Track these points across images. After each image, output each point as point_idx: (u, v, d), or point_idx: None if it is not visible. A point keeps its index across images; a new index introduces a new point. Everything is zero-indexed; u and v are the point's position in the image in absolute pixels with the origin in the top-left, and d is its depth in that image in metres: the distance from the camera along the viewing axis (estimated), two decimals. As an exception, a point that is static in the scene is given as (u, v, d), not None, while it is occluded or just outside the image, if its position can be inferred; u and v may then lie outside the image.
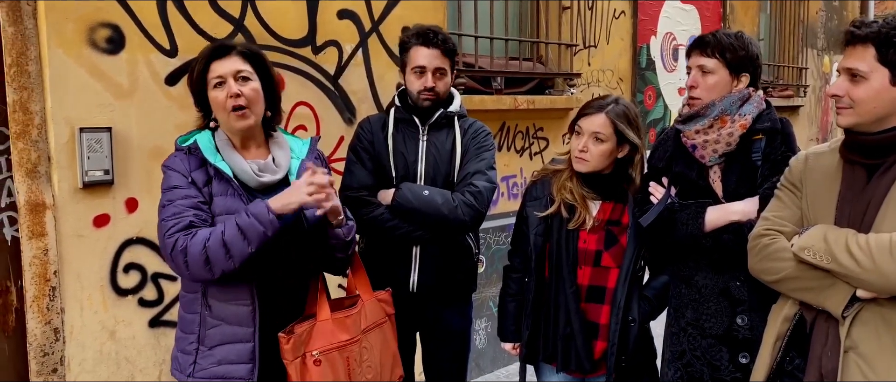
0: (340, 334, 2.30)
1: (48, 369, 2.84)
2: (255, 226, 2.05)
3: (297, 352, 2.21)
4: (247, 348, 2.19)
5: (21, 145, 2.73)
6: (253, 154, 2.28)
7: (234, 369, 2.19)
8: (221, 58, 2.19)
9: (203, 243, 2.05)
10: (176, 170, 2.17)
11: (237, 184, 2.17)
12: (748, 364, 2.39)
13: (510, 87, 4.77)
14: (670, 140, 2.58)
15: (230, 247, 2.05)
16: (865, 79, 1.89)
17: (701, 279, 2.49)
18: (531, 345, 2.74)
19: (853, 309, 1.89)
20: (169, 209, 2.12)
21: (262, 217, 2.06)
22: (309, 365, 2.22)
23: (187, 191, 2.14)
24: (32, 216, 2.75)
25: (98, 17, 2.86)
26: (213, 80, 2.17)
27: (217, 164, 2.17)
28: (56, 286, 2.82)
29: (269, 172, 2.24)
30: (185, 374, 2.23)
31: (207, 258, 2.05)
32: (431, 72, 2.84)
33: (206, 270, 2.07)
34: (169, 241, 2.08)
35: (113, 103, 2.92)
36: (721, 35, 2.44)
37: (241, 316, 2.19)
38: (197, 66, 2.20)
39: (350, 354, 2.32)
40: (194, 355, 2.22)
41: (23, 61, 2.70)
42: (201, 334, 2.21)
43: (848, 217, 1.95)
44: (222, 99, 2.16)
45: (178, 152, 2.21)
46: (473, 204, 2.79)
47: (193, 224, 2.09)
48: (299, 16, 3.54)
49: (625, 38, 5.76)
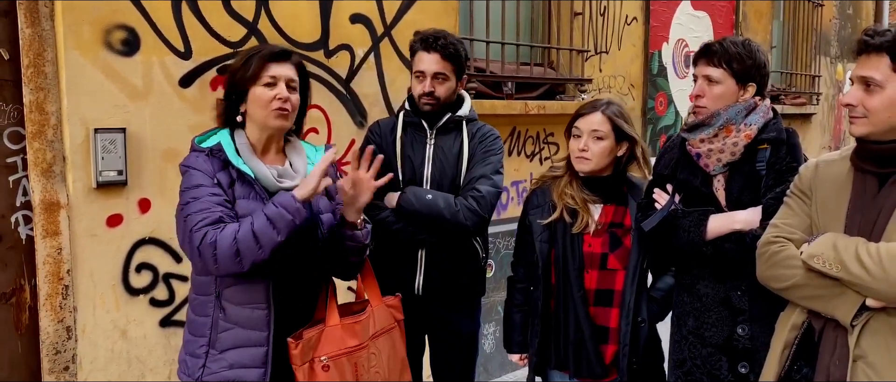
0: (349, 340, 2.31)
1: (60, 367, 2.86)
2: (283, 215, 2.08)
3: (306, 357, 2.22)
4: (260, 352, 2.20)
5: (37, 145, 2.76)
6: (271, 158, 2.30)
7: (247, 373, 2.20)
8: (280, 62, 2.24)
9: (233, 235, 2.06)
10: (199, 170, 2.17)
11: (260, 187, 2.19)
12: (748, 375, 2.39)
13: (521, 92, 4.78)
14: (676, 147, 2.58)
15: (259, 238, 2.06)
16: (880, 88, 1.88)
17: (703, 288, 2.49)
18: (542, 353, 2.74)
19: (862, 319, 1.88)
20: (195, 205, 2.12)
21: (289, 205, 2.09)
22: (317, 371, 2.23)
23: (212, 190, 2.15)
24: (47, 215, 2.78)
25: (114, 20, 2.90)
26: (265, 79, 2.20)
27: (240, 167, 2.18)
28: (69, 284, 2.85)
29: (288, 178, 2.27)
30: (194, 378, 2.23)
31: (238, 250, 2.06)
32: (430, 77, 2.85)
33: (235, 262, 2.08)
34: (197, 234, 2.08)
35: (127, 104, 2.95)
36: (728, 44, 2.43)
37: (255, 320, 2.20)
38: (254, 63, 2.21)
39: (358, 360, 2.33)
40: (204, 358, 2.22)
41: (40, 62, 2.74)
42: (213, 337, 2.21)
43: (858, 225, 1.94)
44: (269, 97, 2.20)
45: (198, 153, 2.21)
46: (476, 208, 2.79)
47: (222, 219, 2.10)
48: (312, 19, 3.56)
49: (636, 44, 5.76)
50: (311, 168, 2.34)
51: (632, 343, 2.60)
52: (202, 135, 2.27)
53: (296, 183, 2.27)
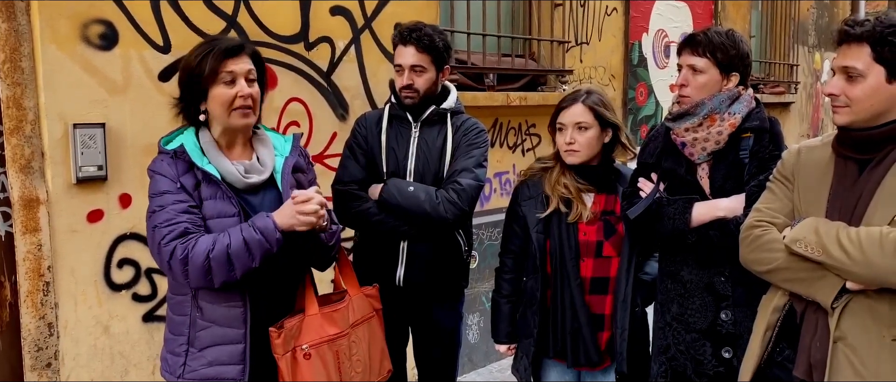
0: (329, 328, 2.32)
1: (42, 364, 2.84)
2: (261, 243, 2.07)
3: (288, 346, 2.22)
4: (238, 349, 2.20)
5: (15, 141, 2.73)
6: (238, 153, 2.27)
7: (226, 370, 2.19)
8: (236, 56, 2.19)
9: (206, 253, 2.04)
10: (163, 175, 2.14)
11: (226, 187, 2.16)
12: (731, 359, 2.42)
13: (502, 84, 4.79)
14: (660, 136, 2.60)
15: (234, 261, 2.06)
16: (862, 78, 1.91)
17: (686, 274, 2.51)
18: (538, 343, 2.74)
19: (842, 301, 1.91)
20: (160, 215, 2.10)
21: (269, 234, 2.07)
22: (299, 359, 2.23)
23: (177, 197, 2.12)
24: (26, 211, 2.75)
25: (91, 14, 2.86)
26: (224, 76, 2.16)
27: (205, 168, 2.15)
28: (50, 281, 2.82)
29: (255, 173, 2.24)
30: (175, 376, 2.22)
31: (209, 268, 2.05)
32: (408, 69, 2.85)
33: (206, 279, 2.07)
34: (166, 249, 2.06)
35: (106, 99, 2.92)
36: (712, 33, 2.45)
37: (232, 318, 2.19)
38: (210, 61, 2.15)
39: (339, 348, 2.34)
40: (184, 356, 2.21)
41: (16, 57, 2.70)
42: (191, 336, 2.20)
43: (839, 210, 1.97)
44: (230, 96, 2.15)
45: (163, 156, 2.18)
46: (456, 201, 2.79)
47: (188, 231, 2.08)
48: (292, 12, 3.55)
49: (617, 35, 5.78)
50: (278, 160, 2.31)
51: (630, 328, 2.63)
52: (168, 135, 2.23)
53: (264, 177, 2.25)
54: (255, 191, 2.24)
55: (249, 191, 2.23)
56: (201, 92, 2.18)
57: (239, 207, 2.16)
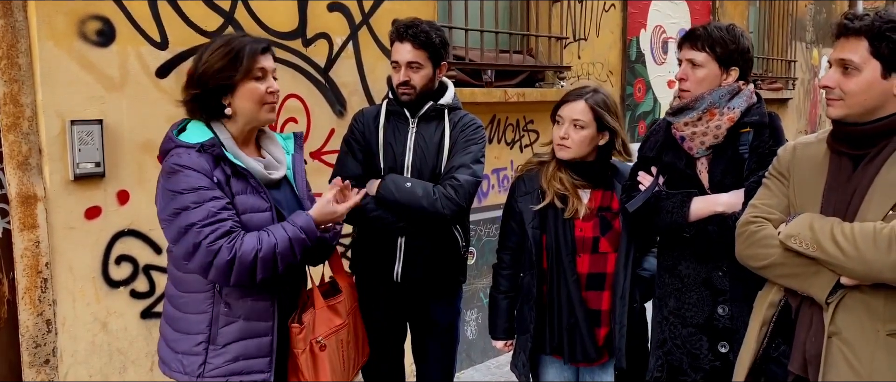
0: (335, 319, 2.45)
1: (40, 360, 2.85)
2: (304, 241, 2.17)
3: (307, 340, 2.32)
4: (266, 341, 2.24)
5: (12, 138, 2.73)
6: (250, 151, 2.30)
7: (254, 363, 2.22)
8: (266, 53, 2.24)
9: (254, 252, 2.07)
10: (195, 170, 2.08)
11: (256, 181, 2.18)
12: (727, 354, 2.43)
13: (500, 80, 4.79)
14: (661, 131, 2.61)
15: (280, 259, 2.12)
16: (858, 72, 1.91)
17: (684, 268, 2.52)
18: (535, 339, 2.75)
19: (837, 296, 1.92)
20: (198, 212, 2.04)
21: (311, 232, 2.19)
22: (316, 352, 2.34)
23: (215, 193, 2.08)
24: (24, 208, 2.76)
25: (88, 10, 2.86)
26: (256, 72, 2.18)
27: (237, 163, 2.15)
28: (48, 278, 2.83)
29: (274, 169, 2.29)
30: (194, 375, 2.19)
31: (255, 267, 2.08)
32: (405, 66, 2.85)
33: (249, 278, 2.10)
34: (211, 249, 2.03)
35: (104, 96, 2.92)
36: (712, 28, 2.46)
37: (261, 311, 2.23)
38: (246, 56, 2.15)
39: (341, 337, 2.47)
40: (204, 355, 2.19)
41: (13, 54, 2.70)
42: (213, 333, 2.19)
43: (833, 206, 1.98)
44: (262, 91, 2.19)
45: (188, 150, 2.10)
46: (453, 196, 2.80)
47: (233, 230, 2.08)
48: (289, 8, 3.55)
49: (615, 31, 5.79)
50: (288, 157, 2.39)
51: (628, 324, 2.64)
52: (179, 127, 2.21)
53: (282, 173, 2.32)
54: (273, 186, 2.29)
55: (271, 187, 2.27)
56: (229, 87, 2.16)
57: (271, 202, 2.20)
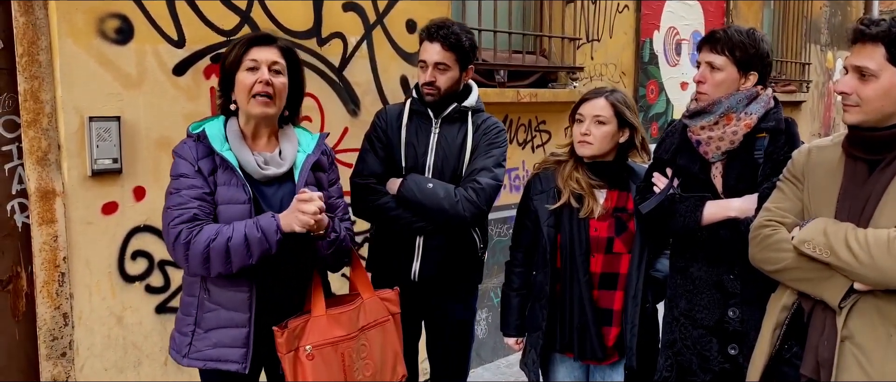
0: (336, 330, 2.33)
1: (57, 353, 2.88)
2: (260, 241, 2.11)
3: (291, 346, 2.24)
4: (241, 333, 2.25)
5: (32, 133, 2.76)
6: (262, 145, 2.32)
7: (229, 352, 2.25)
8: (262, 46, 2.25)
9: (207, 242, 2.09)
10: (184, 158, 2.22)
11: (241, 176, 2.20)
12: (737, 356, 2.43)
13: (513, 81, 4.80)
14: (677, 133, 2.60)
15: (232, 255, 2.10)
16: (874, 78, 1.91)
17: (695, 270, 2.52)
18: (547, 336, 2.76)
19: (850, 301, 1.92)
20: (174, 198, 2.17)
21: (270, 234, 2.11)
22: (302, 359, 2.25)
23: (193, 181, 2.18)
24: (43, 203, 2.79)
25: (107, 8, 2.89)
26: (247, 63, 2.21)
27: (223, 153, 2.20)
28: (65, 272, 2.86)
29: (273, 165, 2.28)
30: (181, 355, 2.30)
31: (208, 257, 2.11)
32: (432, 66, 2.85)
33: (204, 268, 2.13)
34: (173, 231, 2.13)
35: (121, 93, 2.95)
36: (732, 32, 2.44)
37: (237, 302, 2.24)
38: (236, 49, 2.24)
39: (346, 350, 2.34)
40: (191, 337, 2.28)
41: (34, 51, 2.74)
42: (199, 317, 2.27)
43: (848, 211, 1.98)
44: (250, 82, 2.21)
45: (188, 139, 2.25)
46: (475, 199, 2.80)
47: (197, 217, 2.14)
48: (305, 8, 3.57)
49: (628, 33, 5.78)
50: (300, 156, 2.34)
51: (640, 325, 2.65)
52: (198, 121, 2.30)
53: (282, 170, 2.29)
54: (272, 182, 2.28)
55: (266, 183, 2.27)
56: (231, 81, 2.25)
57: (250, 195, 2.19)
